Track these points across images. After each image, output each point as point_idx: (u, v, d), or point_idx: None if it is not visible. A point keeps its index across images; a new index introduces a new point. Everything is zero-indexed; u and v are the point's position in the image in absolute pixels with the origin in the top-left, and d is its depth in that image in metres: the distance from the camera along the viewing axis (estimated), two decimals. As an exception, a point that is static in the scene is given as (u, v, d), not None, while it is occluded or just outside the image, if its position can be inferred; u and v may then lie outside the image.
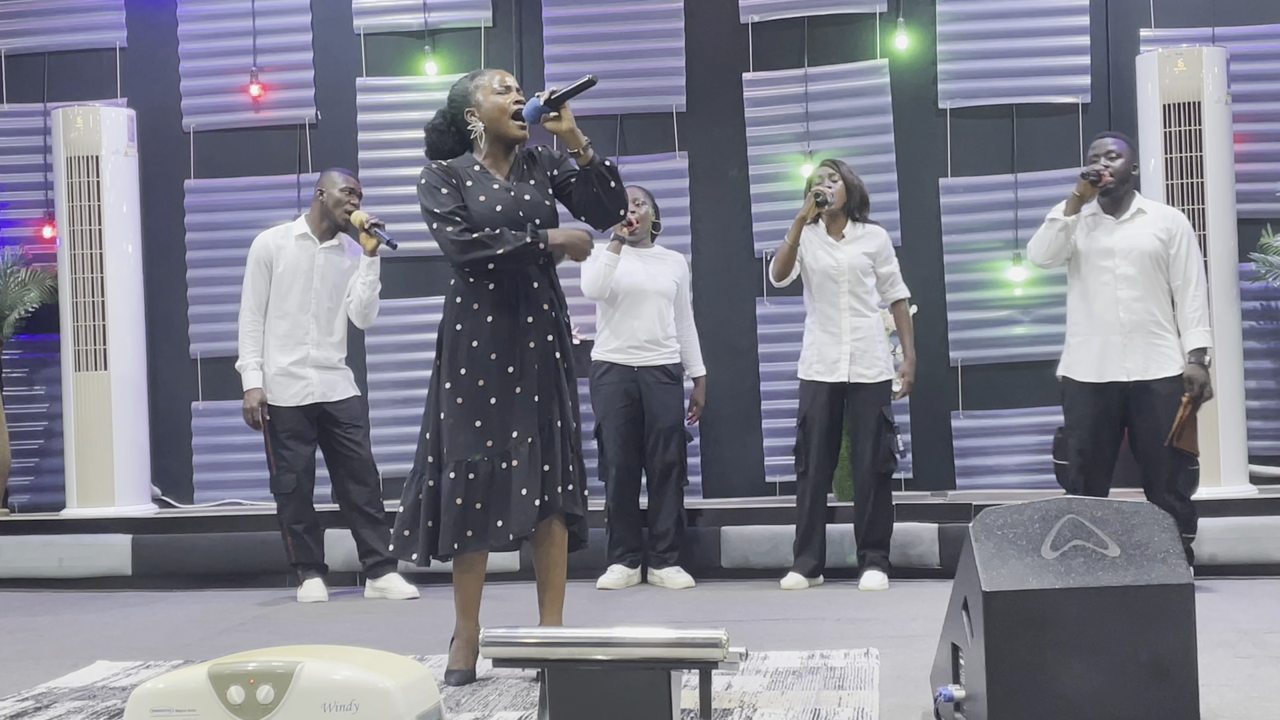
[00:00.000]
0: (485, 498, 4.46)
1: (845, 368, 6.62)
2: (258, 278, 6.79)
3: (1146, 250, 6.10)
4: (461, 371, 4.52)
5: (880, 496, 6.66)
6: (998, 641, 3.31)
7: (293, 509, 6.79)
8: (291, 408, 6.77)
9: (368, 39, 8.44)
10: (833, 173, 6.65)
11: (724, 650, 3.34)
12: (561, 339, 4.57)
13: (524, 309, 4.51)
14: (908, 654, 4.81)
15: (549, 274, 4.58)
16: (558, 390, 4.53)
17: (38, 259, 8.43)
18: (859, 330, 6.62)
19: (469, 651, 4.57)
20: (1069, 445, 6.25)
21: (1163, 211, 6.27)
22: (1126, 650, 3.32)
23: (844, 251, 6.64)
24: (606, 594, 6.76)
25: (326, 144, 8.42)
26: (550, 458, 4.50)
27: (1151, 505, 3.53)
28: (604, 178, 4.48)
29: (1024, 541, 3.42)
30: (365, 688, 3.11)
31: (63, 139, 7.98)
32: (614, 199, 4.52)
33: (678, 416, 6.98)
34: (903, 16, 8.02)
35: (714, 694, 3.52)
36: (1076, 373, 6.21)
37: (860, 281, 6.62)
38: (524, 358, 4.50)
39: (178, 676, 3.20)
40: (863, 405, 6.62)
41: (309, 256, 6.79)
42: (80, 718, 4.17)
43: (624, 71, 8.25)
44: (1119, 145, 6.17)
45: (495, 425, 4.48)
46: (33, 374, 8.60)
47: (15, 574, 7.64)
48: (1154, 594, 3.34)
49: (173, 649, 5.50)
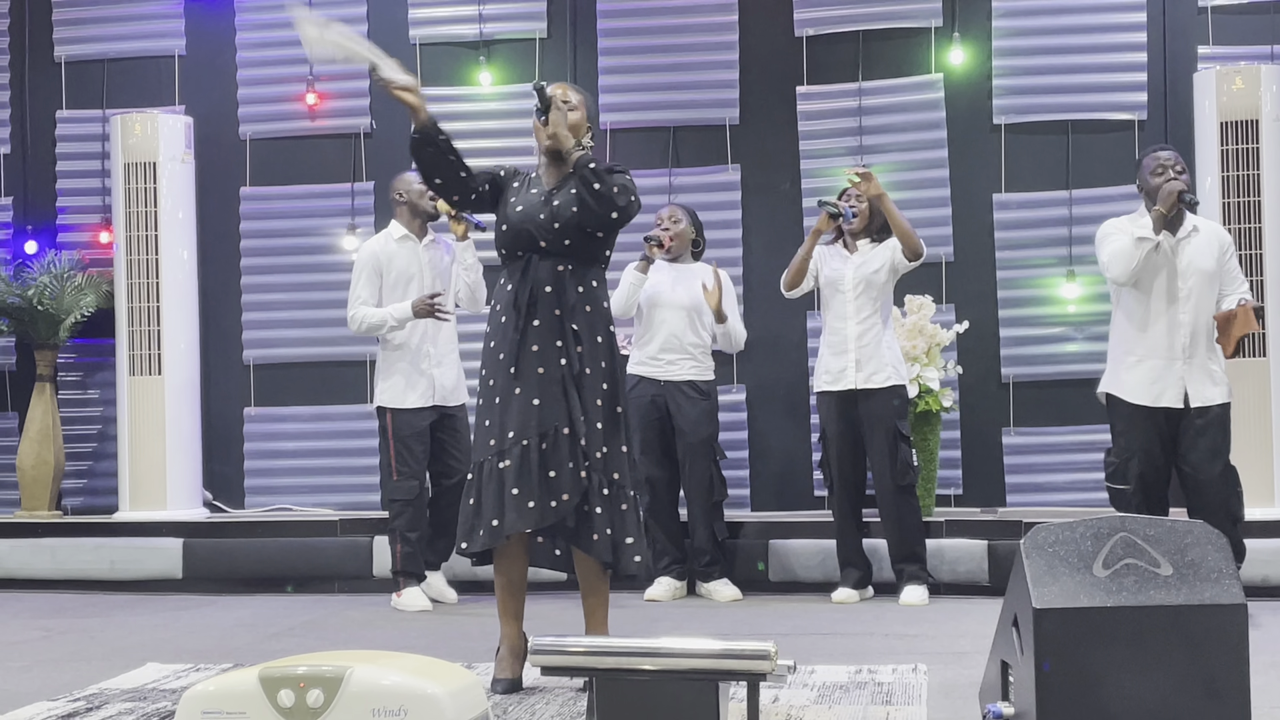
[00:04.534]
0: (485, 498, 4.48)
1: (851, 375, 6.62)
2: (369, 284, 6.86)
3: (1208, 271, 5.99)
4: (482, 373, 4.61)
5: (904, 509, 6.63)
6: (1048, 659, 3.29)
7: (409, 516, 6.77)
8: (414, 409, 6.81)
9: (423, 49, 8.48)
10: (860, 194, 6.66)
11: (772, 663, 3.34)
12: (570, 348, 4.52)
13: (531, 312, 4.53)
14: (956, 670, 4.78)
15: (566, 280, 4.55)
16: (565, 398, 4.49)
17: (94, 264, 8.50)
18: (864, 338, 6.62)
19: (514, 659, 4.59)
20: (1129, 470, 6.00)
21: (1212, 228, 6.16)
22: (1178, 671, 3.29)
23: (853, 263, 6.66)
24: (653, 606, 6.76)
25: (381, 153, 8.46)
26: (557, 464, 4.45)
27: (1205, 524, 3.49)
28: (586, 181, 4.47)
29: (1075, 559, 3.40)
30: (414, 694, 3.12)
31: (121, 145, 8.06)
32: (598, 201, 4.47)
33: (707, 432, 6.95)
34: (958, 31, 8.00)
35: (761, 707, 3.51)
36: (1128, 394, 6.03)
37: (868, 290, 6.63)
38: (525, 360, 4.51)
39: (229, 679, 3.22)
40: (873, 416, 6.61)
41: (415, 256, 6.90)
42: (131, 719, 4.20)
43: (677, 84, 8.26)
44: (1179, 157, 6.06)
45: (497, 425, 4.51)
46: (87, 378, 8.67)
47: (68, 576, 7.72)
48: (1206, 614, 3.31)
49: (222, 652, 5.53)
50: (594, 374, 4.54)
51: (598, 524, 4.48)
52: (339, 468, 8.37)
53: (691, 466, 6.91)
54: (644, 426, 6.93)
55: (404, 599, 6.81)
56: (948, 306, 7.82)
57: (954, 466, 7.85)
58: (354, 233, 8.30)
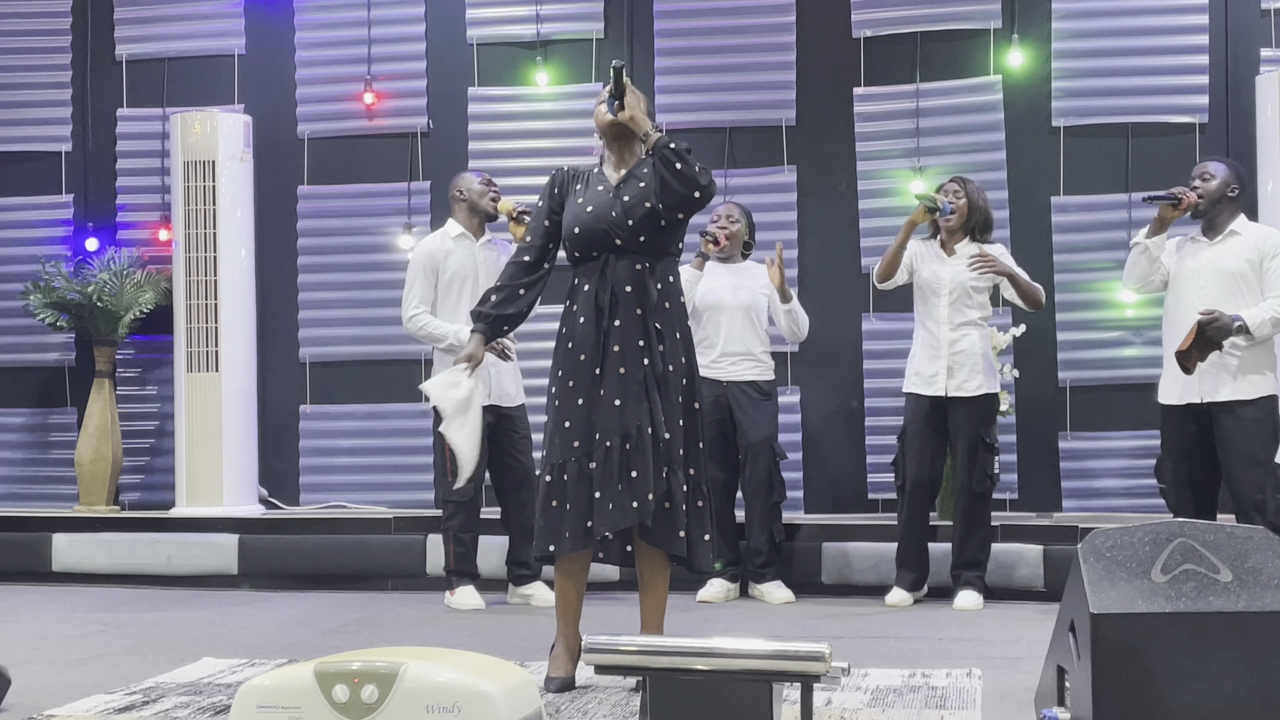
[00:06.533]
0: (575, 499, 4.47)
1: (943, 381, 6.58)
2: (424, 282, 6.84)
3: (1231, 271, 6.02)
4: (559, 374, 4.59)
5: (974, 516, 6.60)
6: (1105, 665, 3.26)
7: (463, 517, 6.76)
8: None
9: (480, 49, 8.51)
10: (958, 189, 6.63)
11: (826, 664, 3.32)
12: (653, 347, 4.52)
13: (611, 312, 4.52)
14: (1011, 675, 4.75)
15: (645, 279, 4.55)
16: (647, 398, 4.49)
17: (153, 261, 8.56)
18: (958, 344, 6.57)
19: (569, 659, 4.59)
20: (1165, 469, 6.21)
21: (1259, 231, 6.15)
22: (1237, 678, 3.26)
23: (951, 266, 6.61)
24: (706, 607, 6.74)
25: (438, 153, 8.49)
26: (639, 464, 4.45)
27: (1266, 531, 3.46)
28: (668, 160, 4.47)
29: (1133, 564, 3.38)
30: (468, 690, 3.12)
31: (180, 143, 8.12)
32: (681, 181, 4.47)
33: (768, 432, 6.93)
34: (1017, 33, 7.95)
35: (814, 709, 3.50)
36: (1163, 395, 6.21)
37: (965, 296, 6.58)
38: (607, 361, 4.50)
39: (284, 674, 3.24)
40: (961, 422, 6.58)
41: (471, 255, 6.88)
42: (187, 712, 4.23)
43: (734, 84, 8.25)
44: (1216, 168, 6.12)
45: (581, 427, 4.50)
46: (146, 374, 8.74)
47: (125, 570, 7.78)
48: (1267, 621, 3.28)
49: (277, 648, 5.56)
50: (675, 371, 4.56)
51: (678, 521, 4.49)
52: (393, 465, 8.40)
53: (752, 466, 6.90)
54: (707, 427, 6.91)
55: (457, 598, 6.82)
56: (1005, 310, 7.77)
57: (1010, 471, 7.80)
58: (410, 232, 8.33)
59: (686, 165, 4.47)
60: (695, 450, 4.58)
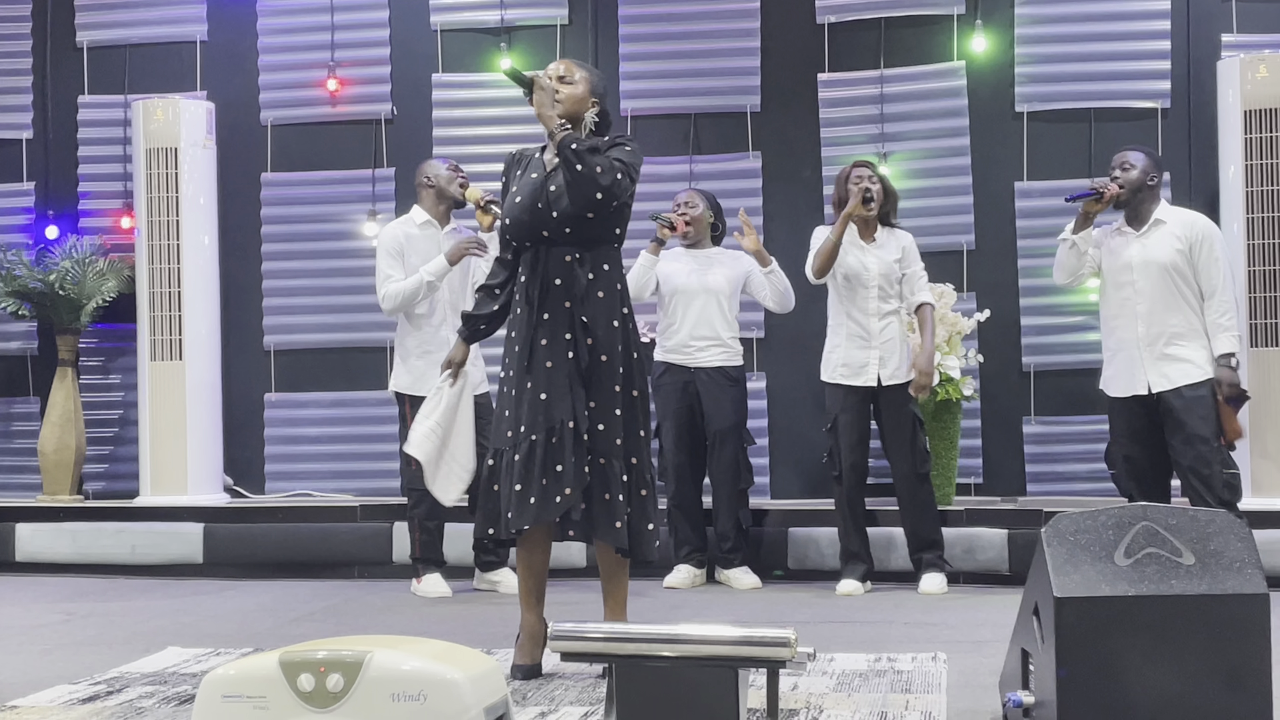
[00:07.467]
0: (503, 488, 4.49)
1: (874, 370, 6.58)
2: (393, 264, 6.80)
3: (1163, 263, 6.15)
4: (505, 362, 4.63)
5: (923, 497, 6.62)
6: (1069, 648, 3.28)
7: (428, 505, 6.68)
8: None
9: (444, 35, 8.48)
10: (872, 174, 6.63)
11: (792, 650, 3.33)
12: (579, 340, 4.49)
13: (541, 305, 4.52)
14: (976, 659, 4.78)
15: (575, 270, 4.51)
16: (571, 392, 4.47)
17: (116, 249, 8.51)
18: (885, 333, 6.59)
19: (534, 645, 4.59)
20: (1115, 455, 6.37)
21: (1182, 219, 6.25)
22: (1199, 660, 3.28)
23: (874, 255, 6.61)
24: (672, 593, 6.75)
25: (402, 139, 8.46)
26: (563, 458, 4.43)
27: (1228, 514, 3.48)
28: (568, 162, 4.45)
29: (1097, 548, 3.39)
30: (434, 679, 3.12)
31: (142, 131, 8.07)
32: (580, 182, 4.43)
33: (736, 418, 6.93)
34: (981, 18, 7.96)
35: (781, 694, 3.51)
36: (1109, 388, 6.34)
37: (890, 285, 6.60)
38: (535, 355, 4.50)
39: (249, 663, 3.23)
40: (893, 407, 6.59)
41: (435, 244, 6.85)
42: (152, 702, 4.21)
43: (699, 70, 8.24)
44: (1136, 157, 6.25)
45: (512, 419, 4.52)
46: (109, 363, 8.69)
47: (89, 560, 7.74)
48: (1228, 604, 3.30)
49: (243, 637, 5.55)
50: (610, 360, 4.52)
51: (617, 511, 4.47)
52: (359, 454, 8.38)
53: (719, 452, 6.90)
54: (671, 414, 6.92)
55: (423, 585, 6.82)
56: (969, 295, 7.80)
57: (974, 455, 7.83)
58: (374, 219, 8.30)
59: (586, 167, 4.43)
60: (636, 439, 4.55)
